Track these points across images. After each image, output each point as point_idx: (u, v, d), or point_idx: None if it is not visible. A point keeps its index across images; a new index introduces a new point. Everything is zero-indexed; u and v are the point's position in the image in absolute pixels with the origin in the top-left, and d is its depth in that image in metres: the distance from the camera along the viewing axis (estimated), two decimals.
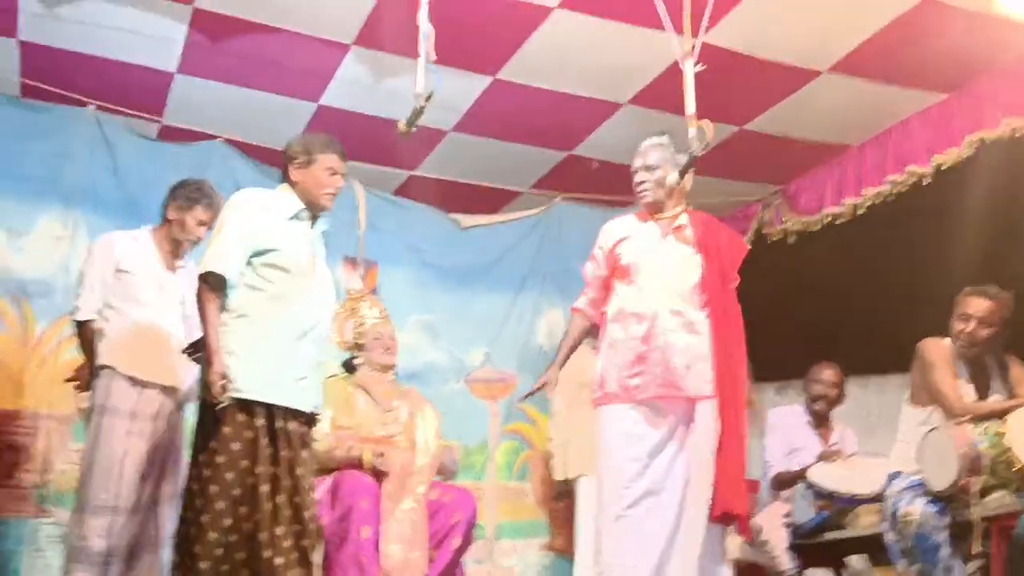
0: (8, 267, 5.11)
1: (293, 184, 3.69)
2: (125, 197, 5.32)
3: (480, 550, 5.70)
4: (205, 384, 3.38)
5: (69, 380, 4.49)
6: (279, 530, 3.36)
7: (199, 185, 4.32)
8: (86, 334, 4.14)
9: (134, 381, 4.01)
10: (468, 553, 4.49)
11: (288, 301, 3.52)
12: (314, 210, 3.72)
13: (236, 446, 3.35)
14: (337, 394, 4.58)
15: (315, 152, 3.70)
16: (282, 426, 3.45)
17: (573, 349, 4.07)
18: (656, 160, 3.94)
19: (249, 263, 3.51)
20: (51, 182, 5.24)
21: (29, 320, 5.09)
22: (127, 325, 4.07)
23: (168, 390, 4.02)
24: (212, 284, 3.45)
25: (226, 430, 3.36)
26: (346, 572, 4.09)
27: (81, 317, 4.13)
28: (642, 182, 3.96)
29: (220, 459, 3.34)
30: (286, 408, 3.46)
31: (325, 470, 4.31)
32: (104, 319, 4.12)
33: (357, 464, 4.35)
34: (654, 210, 3.99)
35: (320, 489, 4.36)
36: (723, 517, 3.66)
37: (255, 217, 3.55)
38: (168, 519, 3.86)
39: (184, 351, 3.75)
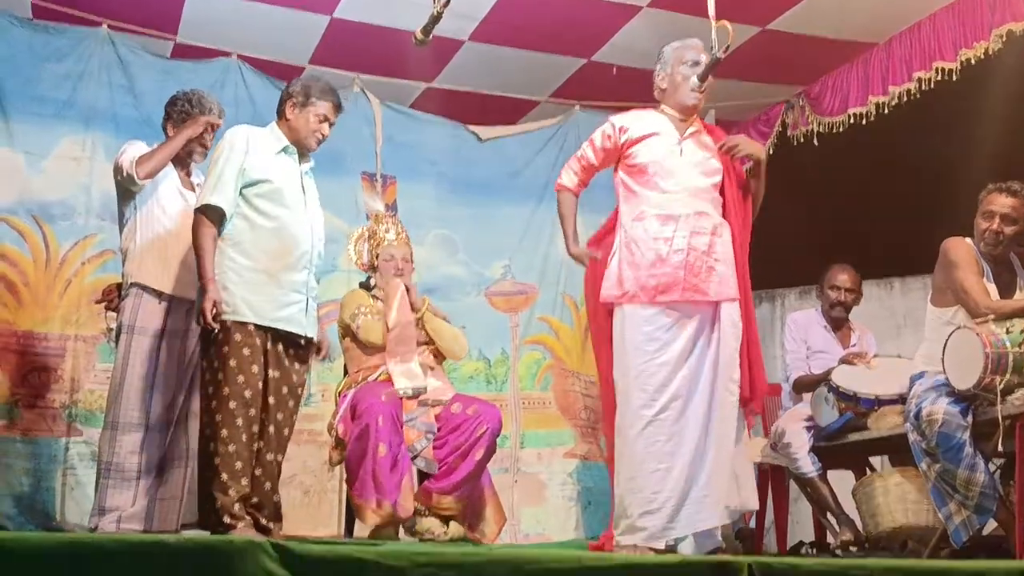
0: (29, 190, 5.14)
1: (286, 120, 3.95)
2: (141, 117, 5.32)
3: (505, 459, 5.79)
4: (200, 310, 3.64)
5: (99, 302, 4.53)
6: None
7: (191, 95, 4.26)
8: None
9: (161, 297, 4.03)
10: (493, 461, 4.56)
11: (279, 229, 3.80)
12: (300, 148, 3.97)
13: (233, 363, 3.66)
14: (362, 299, 4.67)
15: (312, 96, 3.93)
16: (272, 348, 3.77)
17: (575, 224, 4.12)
18: (711, 80, 3.93)
19: (242, 194, 3.78)
20: (67, 104, 5.25)
21: (52, 242, 5.13)
22: (153, 239, 4.07)
23: (191, 305, 4.04)
24: (209, 216, 3.72)
25: (225, 350, 3.68)
26: (364, 487, 4.17)
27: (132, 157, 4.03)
28: (703, 80, 3.93)
29: (221, 376, 3.66)
30: (278, 331, 3.76)
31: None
32: (131, 233, 4.10)
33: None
34: (686, 113, 3.97)
35: (342, 405, 4.44)
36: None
37: (247, 151, 3.80)
38: (196, 433, 3.93)
39: None
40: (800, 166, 6.07)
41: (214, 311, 3.62)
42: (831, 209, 6.28)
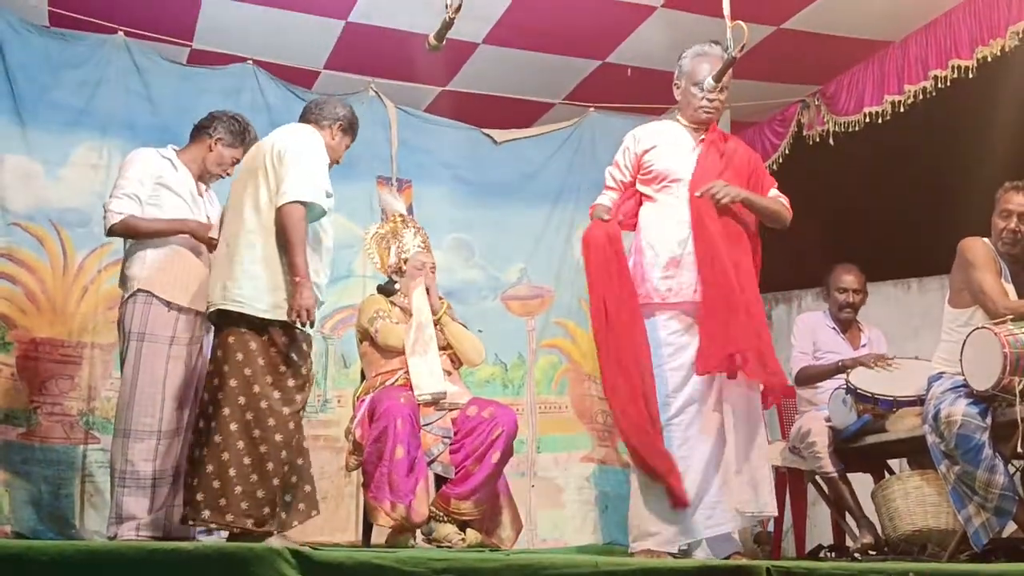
0: (47, 197, 5.16)
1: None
2: (158, 123, 5.34)
3: (522, 464, 5.78)
4: (299, 308, 3.60)
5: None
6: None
7: (246, 125, 4.30)
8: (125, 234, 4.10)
9: (170, 306, 4.04)
10: (510, 466, 4.55)
11: (324, 230, 3.90)
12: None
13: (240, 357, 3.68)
14: (380, 304, 4.68)
15: (323, 121, 4.04)
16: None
17: None
18: (726, 80, 3.91)
19: None
20: (84, 111, 5.28)
21: (69, 250, 5.16)
22: (164, 249, 4.08)
23: (201, 315, 4.06)
24: (301, 212, 3.68)
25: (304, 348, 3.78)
26: (380, 490, 4.17)
27: (109, 223, 4.06)
28: (714, 100, 3.93)
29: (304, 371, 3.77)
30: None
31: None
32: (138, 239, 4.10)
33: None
34: (701, 125, 3.98)
35: (360, 409, 4.45)
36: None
37: (325, 157, 3.87)
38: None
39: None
40: (816, 166, 6.05)
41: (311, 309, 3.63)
42: (847, 210, 6.25)
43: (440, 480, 4.39)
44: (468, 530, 4.34)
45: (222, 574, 2.55)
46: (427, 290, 4.65)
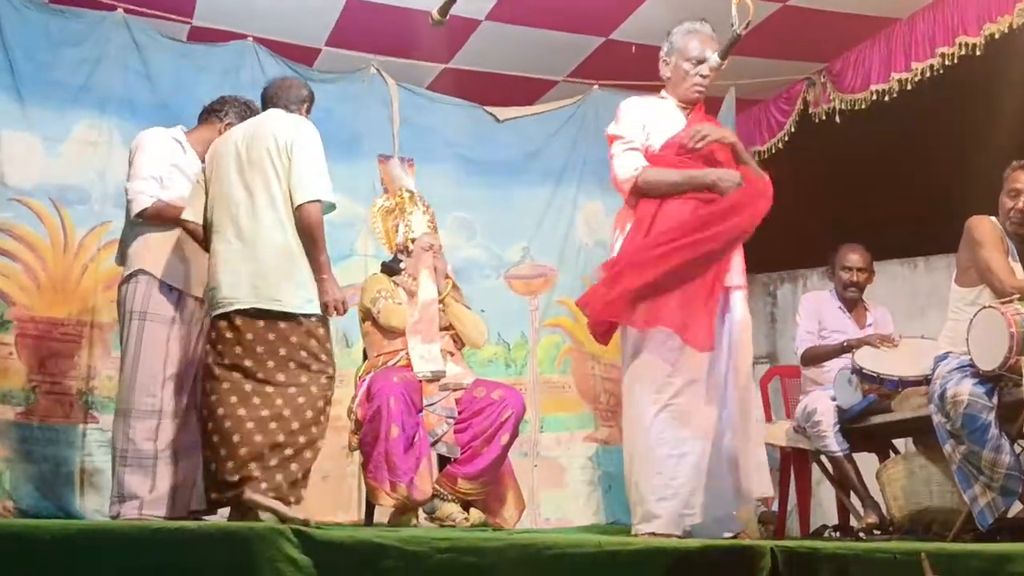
0: (48, 173, 5.13)
1: None
2: (157, 101, 5.32)
3: (524, 444, 5.76)
4: (333, 303, 3.69)
5: None
6: None
7: (257, 110, 4.23)
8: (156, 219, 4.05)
9: (172, 288, 4.02)
10: (513, 446, 4.54)
11: None
12: None
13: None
14: (383, 283, 4.65)
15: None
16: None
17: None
18: (714, 56, 3.85)
19: None
20: (83, 88, 5.24)
21: (69, 227, 5.14)
22: (166, 231, 4.05)
23: (199, 300, 4.04)
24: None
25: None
26: (379, 470, 4.17)
27: (141, 206, 4.01)
28: (704, 77, 3.87)
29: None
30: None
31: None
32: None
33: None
34: (689, 104, 3.92)
35: (360, 388, 4.44)
36: None
37: None
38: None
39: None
40: (822, 144, 6.01)
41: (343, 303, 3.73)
42: (853, 188, 6.23)
43: (443, 459, 4.38)
44: (471, 510, 4.34)
45: (225, 553, 2.55)
46: (434, 269, 4.62)
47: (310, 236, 3.67)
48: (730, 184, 3.74)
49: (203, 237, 3.87)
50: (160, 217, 4.02)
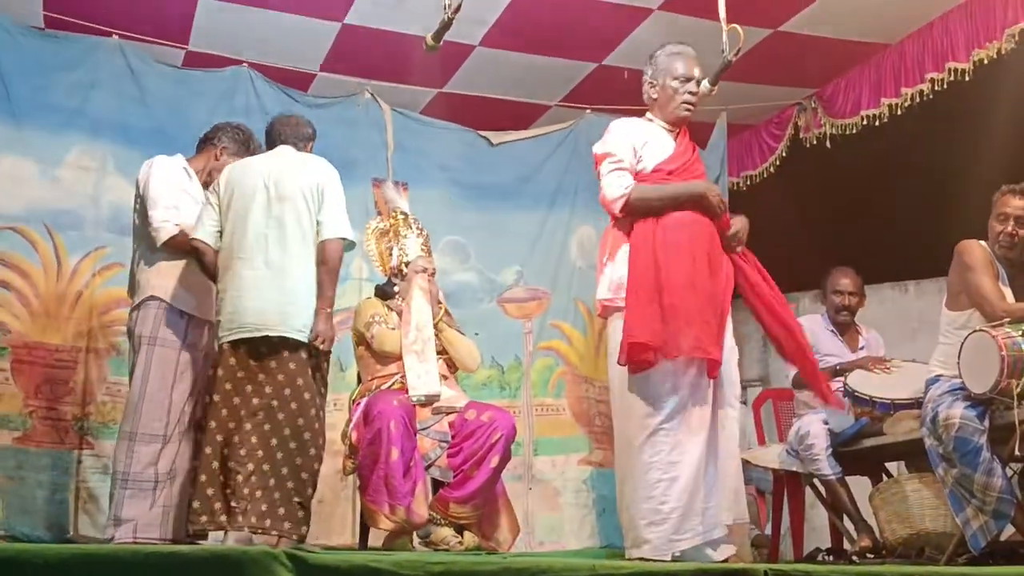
0: (42, 198, 5.13)
1: None
2: (153, 127, 5.33)
3: (519, 467, 5.76)
4: (327, 335, 3.89)
5: None
6: None
7: (250, 134, 4.38)
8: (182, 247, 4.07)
9: (182, 314, 4.07)
10: (507, 469, 4.53)
11: None
12: None
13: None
14: (376, 308, 4.65)
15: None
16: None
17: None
18: (701, 76, 3.89)
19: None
20: (78, 113, 5.25)
21: (62, 253, 5.13)
22: (176, 259, 4.10)
23: (209, 325, 4.09)
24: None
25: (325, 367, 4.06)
26: (378, 493, 4.15)
27: (168, 234, 4.04)
28: (693, 95, 3.90)
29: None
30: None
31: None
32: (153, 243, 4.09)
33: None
34: (676, 124, 3.94)
35: (355, 412, 4.43)
36: None
37: None
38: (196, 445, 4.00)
39: None
40: (813, 168, 6.05)
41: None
42: (844, 212, 6.25)
43: (436, 483, 4.37)
44: (465, 533, 4.32)
45: None
46: (429, 292, 4.62)
47: (328, 268, 3.90)
48: (717, 195, 3.83)
49: (212, 260, 3.95)
50: (180, 245, 4.07)
